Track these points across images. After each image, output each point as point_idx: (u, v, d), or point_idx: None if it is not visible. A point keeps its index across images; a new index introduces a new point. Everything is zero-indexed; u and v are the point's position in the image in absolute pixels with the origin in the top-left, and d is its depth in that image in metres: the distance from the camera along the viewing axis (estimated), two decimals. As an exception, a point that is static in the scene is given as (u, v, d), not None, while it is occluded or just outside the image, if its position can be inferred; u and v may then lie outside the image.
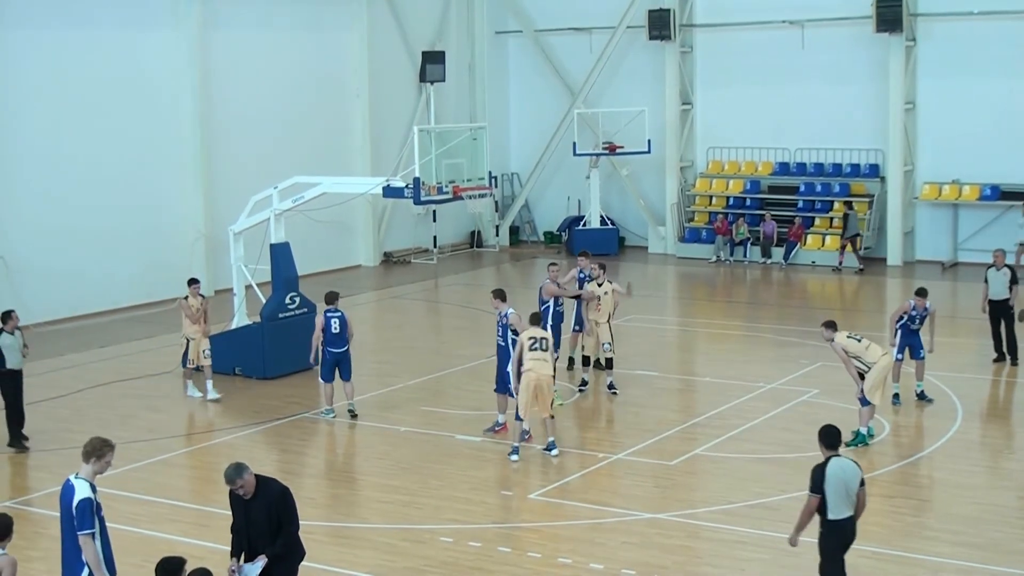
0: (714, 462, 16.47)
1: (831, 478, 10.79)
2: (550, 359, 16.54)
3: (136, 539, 13.90)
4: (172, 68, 28.97)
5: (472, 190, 21.22)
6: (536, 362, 16.33)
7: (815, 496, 10.83)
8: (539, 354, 16.40)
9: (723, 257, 34.03)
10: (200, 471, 16.57)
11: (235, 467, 10.26)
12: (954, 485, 15.42)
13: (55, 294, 26.42)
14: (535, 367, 16.31)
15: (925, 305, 18.93)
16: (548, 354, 16.52)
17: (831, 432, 11.13)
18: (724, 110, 35.52)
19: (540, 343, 16.49)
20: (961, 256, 32.34)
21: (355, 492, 15.78)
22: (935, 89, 32.39)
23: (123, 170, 27.89)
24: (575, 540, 13.69)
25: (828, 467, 10.84)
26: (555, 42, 37.86)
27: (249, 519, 10.23)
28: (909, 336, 19.04)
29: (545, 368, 16.38)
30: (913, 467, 16.15)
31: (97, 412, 19.47)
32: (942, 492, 15.30)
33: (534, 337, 16.53)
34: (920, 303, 18.94)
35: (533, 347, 16.44)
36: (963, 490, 15.19)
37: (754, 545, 13.42)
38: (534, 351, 16.41)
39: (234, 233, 22.24)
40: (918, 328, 19.05)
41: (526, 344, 16.44)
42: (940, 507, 14.64)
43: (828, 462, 10.90)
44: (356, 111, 33.92)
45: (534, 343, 16.47)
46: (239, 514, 10.32)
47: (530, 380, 16.30)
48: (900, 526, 13.85)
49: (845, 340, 16.88)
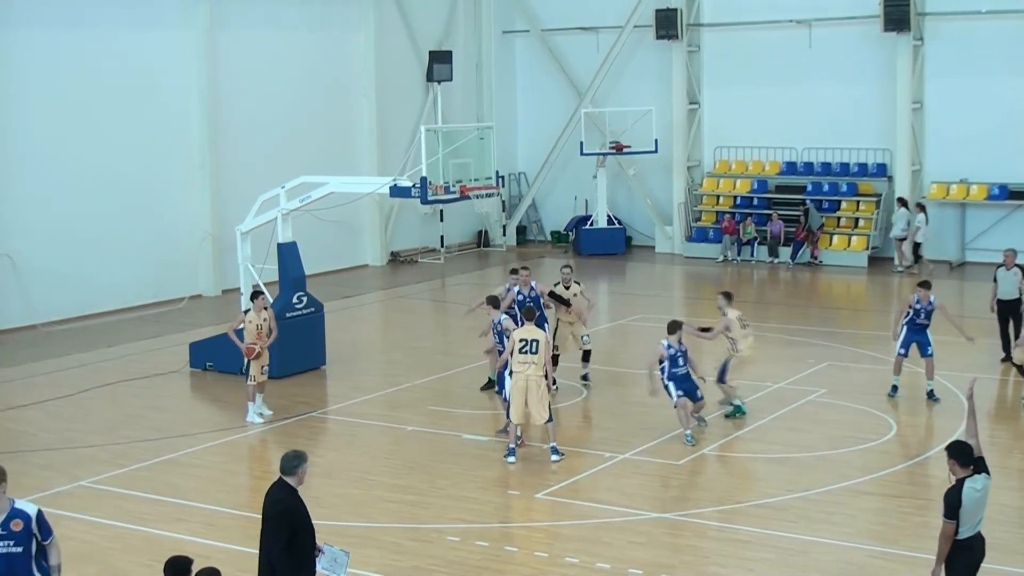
0: (721, 462, 16.45)
1: (967, 501, 9.94)
2: (540, 361, 16.02)
3: (143, 538, 13.91)
4: (180, 68, 29.00)
5: (479, 190, 21.22)
6: (524, 365, 15.99)
7: (951, 523, 9.94)
8: (528, 357, 15.99)
9: (730, 257, 34.00)
10: (208, 470, 16.56)
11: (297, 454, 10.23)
12: (962, 485, 15.37)
13: (62, 294, 26.45)
14: (523, 370, 15.99)
15: (930, 298, 18.79)
16: (539, 356, 15.99)
17: (964, 450, 10.10)
18: (731, 109, 35.48)
19: (531, 345, 16.01)
20: (969, 256, 32.29)
21: (362, 491, 15.78)
22: (943, 88, 32.34)
23: (130, 170, 27.91)
24: (582, 540, 13.67)
25: (964, 490, 9.95)
26: (562, 42, 37.85)
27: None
28: (915, 332, 18.92)
29: (534, 371, 15.97)
30: (920, 467, 16.11)
31: (103, 411, 19.48)
32: (950, 492, 15.24)
33: (524, 339, 16.09)
34: (924, 295, 18.78)
35: (523, 349, 16.04)
36: (971, 490, 15.14)
37: (761, 545, 13.39)
38: (523, 354, 16.02)
39: (241, 233, 22.25)
40: (925, 323, 18.90)
41: (516, 346, 16.10)
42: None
43: (963, 483, 9.99)
44: (363, 111, 33.93)
45: (524, 345, 16.04)
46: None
47: (518, 384, 16.05)
48: (907, 526, 13.82)
49: (735, 318, 17.69)
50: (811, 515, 14.20)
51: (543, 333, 16.52)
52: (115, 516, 14.66)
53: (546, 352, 16.17)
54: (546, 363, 16.19)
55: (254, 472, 16.18)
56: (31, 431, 18.42)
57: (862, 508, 14.60)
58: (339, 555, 10.24)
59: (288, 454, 10.26)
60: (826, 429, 17.91)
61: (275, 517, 9.93)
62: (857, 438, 17.38)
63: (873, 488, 15.24)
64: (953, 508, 9.93)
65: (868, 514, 14.38)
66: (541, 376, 16.03)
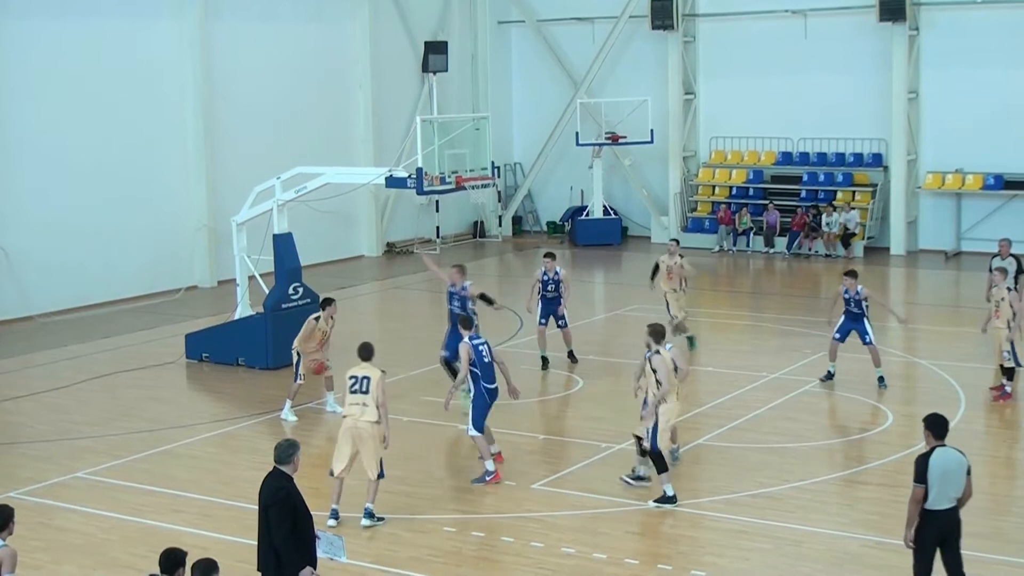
0: (717, 451, 16.46)
1: (934, 468, 10.55)
2: (373, 403, 13.52)
3: (140, 529, 13.93)
4: (174, 58, 28.94)
5: (475, 180, 21.20)
6: (355, 407, 13.63)
7: (919, 486, 10.59)
8: (358, 397, 13.62)
9: (726, 247, 34.02)
10: (204, 462, 16.57)
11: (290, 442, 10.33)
12: (957, 475, 15.39)
13: (57, 285, 26.41)
14: (354, 413, 13.61)
15: (857, 288, 19.07)
16: (371, 396, 13.52)
17: (938, 421, 10.81)
18: (727, 100, 35.45)
19: (361, 383, 13.62)
20: (964, 245, 32.31)
21: (358, 482, 15.79)
22: (938, 78, 32.34)
23: (125, 161, 27.87)
24: (578, 530, 13.69)
25: (932, 457, 10.60)
26: (558, 32, 37.81)
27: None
28: (852, 321, 19.22)
29: (367, 416, 13.54)
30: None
31: (100, 403, 19.48)
32: (945, 482, 15.25)
33: (355, 376, 13.68)
34: (851, 284, 19.09)
35: (353, 388, 13.66)
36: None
37: (757, 535, 13.41)
38: (353, 393, 13.65)
39: (237, 224, 22.23)
40: (859, 313, 19.16)
41: (347, 384, 13.75)
42: (943, 497, 14.59)
43: (932, 452, 10.65)
44: (359, 101, 33.89)
45: (354, 383, 13.66)
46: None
47: (346, 428, 13.71)
48: (903, 516, 13.77)
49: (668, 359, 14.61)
50: (807, 505, 14.23)
51: (376, 371, 13.75)
52: (112, 507, 14.67)
53: (380, 393, 13.61)
54: (381, 405, 13.60)
55: (250, 463, 16.18)
56: (27, 423, 18.41)
57: (858, 498, 14.63)
58: (335, 540, 10.60)
59: (282, 443, 10.42)
60: (822, 419, 17.94)
61: (277, 504, 10.03)
62: (853, 428, 17.40)
63: (869, 478, 15.26)
64: (921, 472, 10.56)
65: (864, 504, 14.40)
66: (374, 422, 13.56)
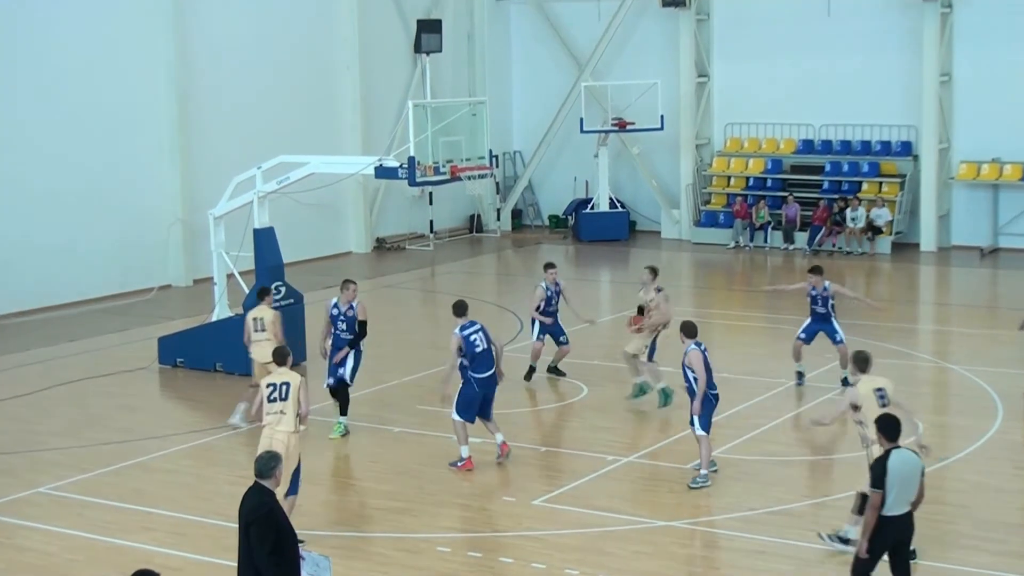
0: (733, 465, 16.43)
1: (892, 472, 10.87)
2: (292, 411, 13.71)
3: (108, 549, 13.91)
4: (145, 40, 28.87)
5: (471, 170, 21.21)
6: (273, 416, 13.77)
7: (877, 492, 10.88)
8: (277, 405, 13.79)
9: (742, 243, 34.02)
10: (178, 476, 16.55)
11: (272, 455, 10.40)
12: (994, 489, 15.40)
13: (20, 284, 26.40)
14: (272, 423, 13.75)
15: (824, 284, 19.39)
16: (289, 404, 13.70)
17: (890, 423, 11.19)
18: (743, 83, 35.46)
19: (279, 390, 13.81)
20: (1002, 241, 32.33)
21: (345, 498, 15.78)
22: (973, 59, 32.34)
23: (93, 150, 27.83)
24: (583, 549, 13.67)
25: (889, 460, 10.93)
26: (561, 9, 37.82)
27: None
28: (819, 321, 19.57)
29: (284, 426, 13.69)
30: (949, 470, 16.10)
31: (66, 411, 19.46)
32: (981, 497, 15.25)
33: (273, 383, 13.89)
34: (816, 281, 19.45)
35: (272, 396, 13.83)
36: (1005, 495, 15.18)
37: (776, 555, 13.41)
38: (272, 402, 13.81)
39: (214, 217, 22.22)
40: (825, 312, 19.49)
41: (264, 393, 13.90)
42: (979, 513, 14.59)
43: (889, 455, 10.99)
44: (346, 85, 33.88)
45: (272, 391, 13.83)
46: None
47: (264, 439, 13.66)
48: (935, 534, 13.82)
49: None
50: (830, 523, 14.18)
51: (296, 376, 13.97)
52: (77, 525, 14.65)
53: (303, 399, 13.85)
54: (303, 414, 13.87)
55: (227, 477, 16.16)
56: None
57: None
58: (321, 560, 10.58)
59: (263, 455, 10.48)
60: (844, 429, 17.91)
61: (259, 522, 10.03)
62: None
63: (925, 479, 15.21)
64: (879, 477, 10.87)
65: (892, 521, 14.37)
66: (291, 432, 13.65)
